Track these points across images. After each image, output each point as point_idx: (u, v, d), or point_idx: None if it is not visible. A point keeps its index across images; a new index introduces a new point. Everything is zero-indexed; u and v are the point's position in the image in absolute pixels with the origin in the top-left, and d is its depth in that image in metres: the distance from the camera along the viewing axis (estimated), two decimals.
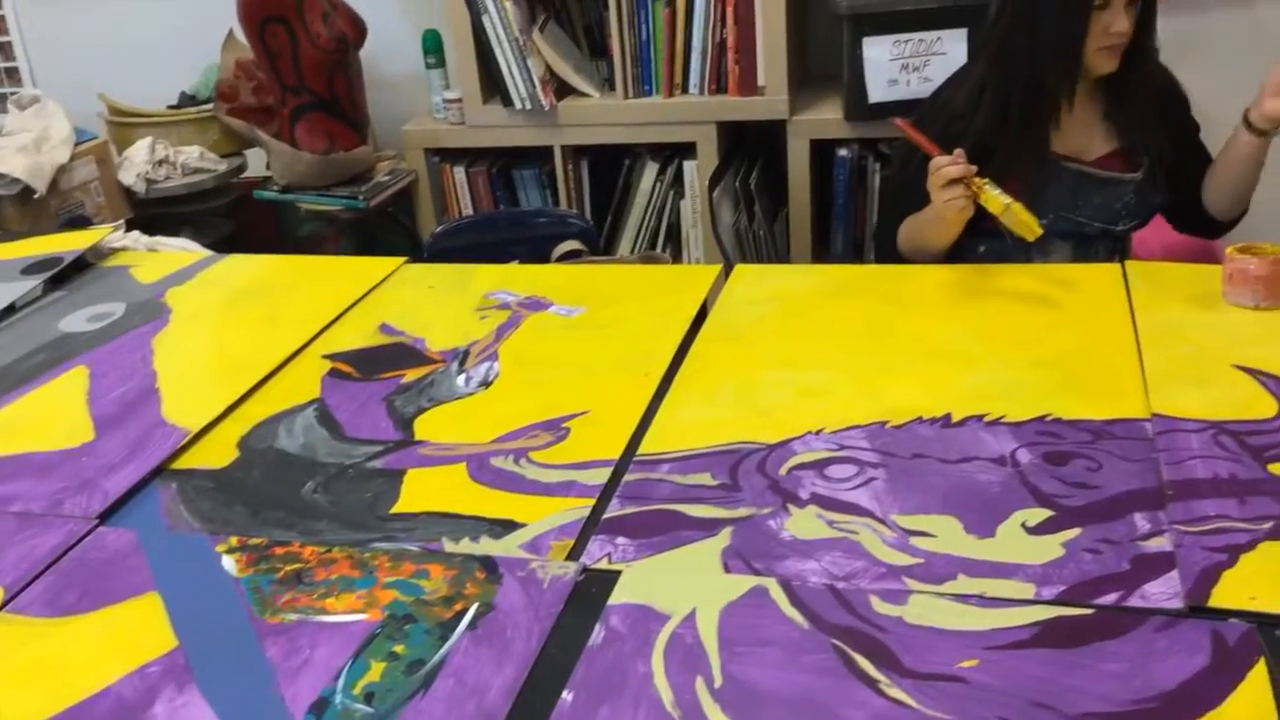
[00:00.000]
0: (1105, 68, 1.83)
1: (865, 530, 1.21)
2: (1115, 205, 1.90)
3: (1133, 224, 1.93)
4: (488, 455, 1.41)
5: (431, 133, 2.93)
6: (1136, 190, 1.89)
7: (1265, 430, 1.31)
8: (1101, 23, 1.78)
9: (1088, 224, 1.91)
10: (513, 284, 1.92)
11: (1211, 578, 1.08)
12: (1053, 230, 1.92)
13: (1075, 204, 1.89)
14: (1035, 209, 1.84)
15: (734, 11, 2.65)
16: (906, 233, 1.95)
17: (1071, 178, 1.89)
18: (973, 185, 1.71)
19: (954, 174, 1.71)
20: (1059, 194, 1.89)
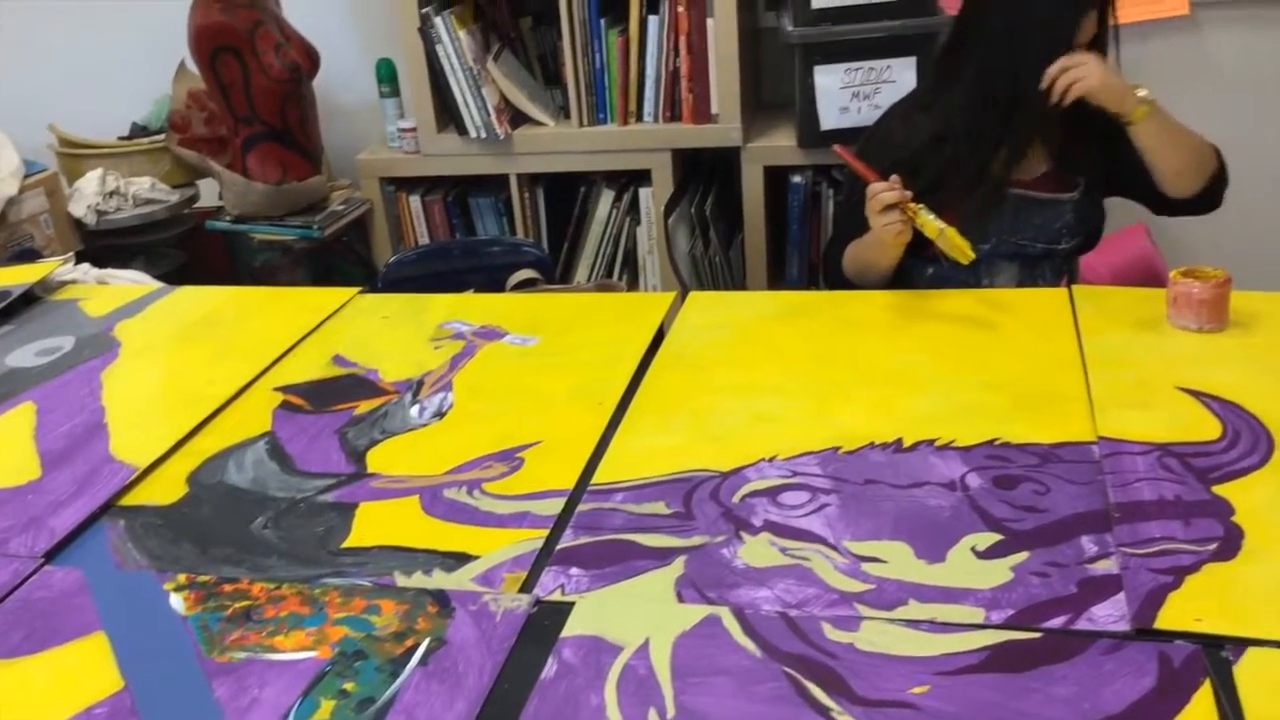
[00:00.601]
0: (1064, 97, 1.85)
1: (817, 557, 1.22)
2: (1056, 225, 1.93)
3: (1076, 241, 1.95)
4: (441, 487, 1.41)
5: (386, 162, 2.92)
6: (1075, 209, 1.92)
7: (1209, 452, 1.33)
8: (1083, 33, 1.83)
9: (1030, 245, 1.93)
10: (467, 313, 1.92)
11: (1157, 600, 1.09)
12: (997, 253, 1.95)
13: (1017, 227, 1.92)
14: (977, 235, 1.87)
15: (687, 40, 2.67)
16: (851, 257, 1.98)
17: (1012, 202, 1.91)
18: (908, 210, 1.75)
19: (890, 199, 1.75)
20: (1000, 219, 1.92)
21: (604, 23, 2.69)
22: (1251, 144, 2.83)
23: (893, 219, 1.75)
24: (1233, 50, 2.77)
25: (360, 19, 3.10)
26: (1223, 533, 1.18)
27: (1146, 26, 2.75)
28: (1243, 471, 1.29)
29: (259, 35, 2.68)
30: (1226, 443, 1.34)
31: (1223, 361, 1.53)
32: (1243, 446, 1.33)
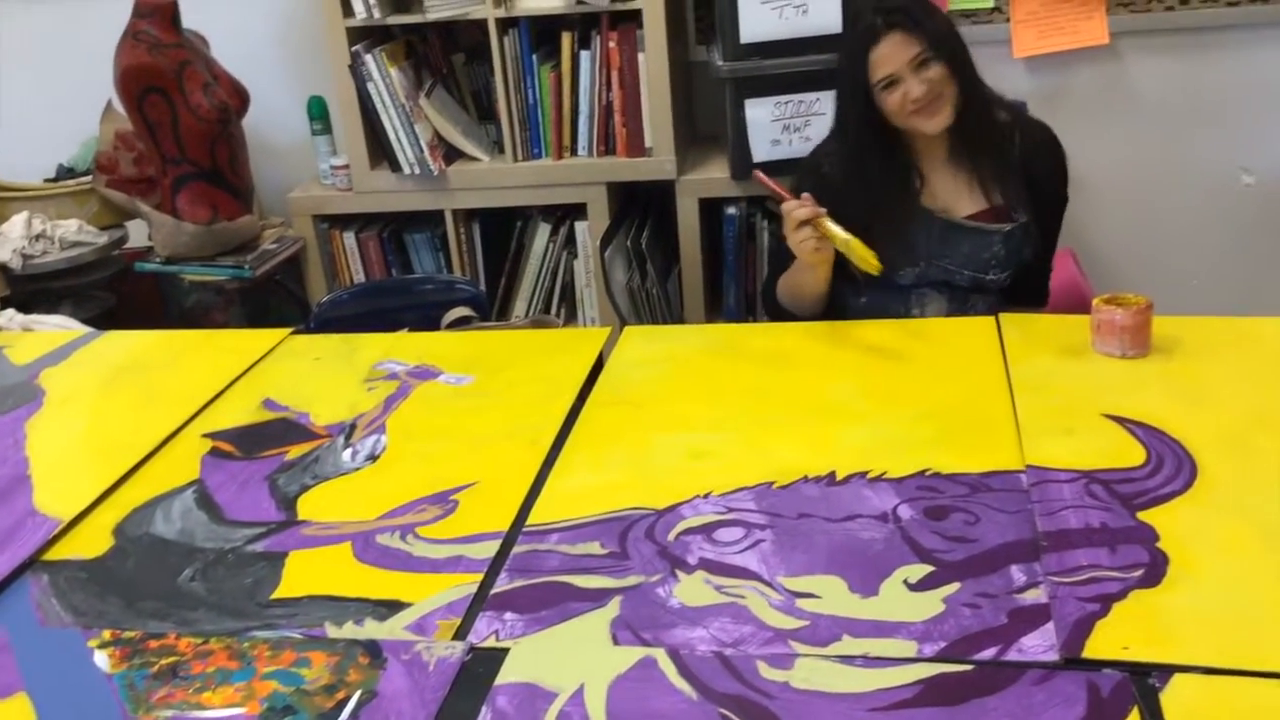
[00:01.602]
0: (932, 126, 1.89)
1: (752, 594, 1.22)
2: (984, 255, 1.95)
3: (1004, 275, 1.98)
4: (374, 533, 1.39)
5: (319, 199, 2.90)
6: (1004, 241, 1.95)
7: (1134, 478, 1.35)
8: (898, 96, 1.87)
9: (958, 272, 1.95)
10: (401, 353, 1.91)
11: (1085, 628, 1.11)
12: (925, 279, 1.97)
13: (944, 252, 1.94)
14: (906, 257, 1.91)
15: (619, 75, 2.69)
16: (783, 285, 2.01)
17: (940, 227, 1.94)
18: (820, 226, 1.79)
19: (802, 216, 1.79)
20: (928, 242, 1.95)
21: (536, 58, 2.70)
22: (1171, 168, 2.91)
23: (806, 235, 1.80)
24: (1151, 78, 2.84)
25: (290, 57, 3.08)
26: (1148, 559, 1.20)
27: (1069, 56, 2.82)
28: (1167, 497, 1.31)
29: (187, 75, 2.65)
30: (1150, 468, 1.37)
31: (1146, 387, 1.56)
32: (1166, 472, 1.36)
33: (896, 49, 1.87)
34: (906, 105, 1.88)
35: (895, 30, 1.87)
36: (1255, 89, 2.80)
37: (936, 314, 1.99)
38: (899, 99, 1.88)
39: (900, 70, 1.86)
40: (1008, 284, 2.00)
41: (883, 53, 1.87)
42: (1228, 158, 2.88)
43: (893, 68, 1.87)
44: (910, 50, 1.86)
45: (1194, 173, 2.90)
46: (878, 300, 1.99)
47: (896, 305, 1.99)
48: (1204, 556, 1.20)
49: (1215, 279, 2.94)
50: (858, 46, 1.90)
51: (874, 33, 1.88)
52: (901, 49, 1.86)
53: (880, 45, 1.87)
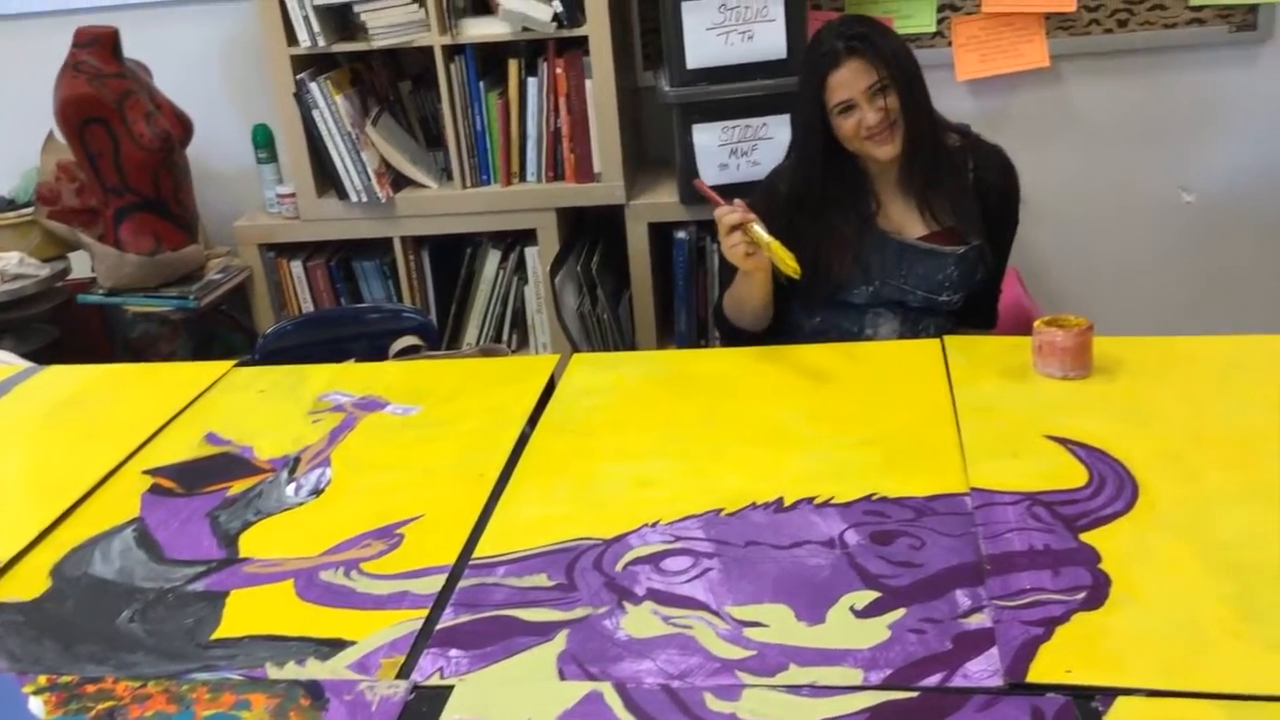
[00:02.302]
0: (884, 153, 1.92)
1: (700, 624, 1.21)
2: (937, 276, 1.97)
3: (957, 297, 1.99)
4: (317, 569, 1.37)
5: (265, 228, 2.87)
6: (958, 264, 1.97)
7: (1076, 499, 1.36)
8: (853, 121, 1.90)
9: (911, 293, 1.97)
10: (348, 384, 1.89)
11: (1029, 652, 1.11)
12: (880, 299, 1.98)
13: (899, 273, 1.96)
14: (860, 277, 1.94)
15: (566, 101, 2.69)
16: (727, 299, 2.02)
17: (895, 247, 1.96)
18: (748, 230, 1.80)
19: (732, 221, 1.81)
20: (883, 262, 1.97)
21: (483, 85, 2.70)
22: (1113, 188, 2.95)
23: (737, 240, 1.81)
24: (1091, 99, 2.89)
25: (235, 85, 3.05)
26: (1090, 581, 1.21)
27: (1011, 79, 2.86)
28: (1109, 518, 1.32)
29: (128, 105, 2.62)
30: (1092, 489, 1.38)
31: (1088, 408, 1.58)
32: (1108, 493, 1.37)
33: (855, 75, 1.89)
34: (860, 131, 1.90)
35: (855, 57, 1.89)
36: (1193, 108, 2.86)
37: (889, 334, 2.00)
38: (854, 125, 1.90)
39: (857, 97, 1.89)
40: (959, 306, 2.02)
41: (841, 78, 1.89)
42: (1168, 177, 2.93)
43: (849, 93, 1.89)
44: (868, 78, 1.88)
45: (1135, 192, 2.95)
46: (831, 320, 2.00)
47: (849, 325, 2.00)
48: (1146, 577, 1.21)
49: (1157, 296, 2.99)
50: (817, 70, 1.92)
51: (834, 57, 1.90)
52: (860, 76, 1.88)
53: (839, 70, 1.89)
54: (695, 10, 2.52)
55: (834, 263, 1.95)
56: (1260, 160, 2.88)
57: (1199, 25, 2.78)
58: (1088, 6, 2.79)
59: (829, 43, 1.92)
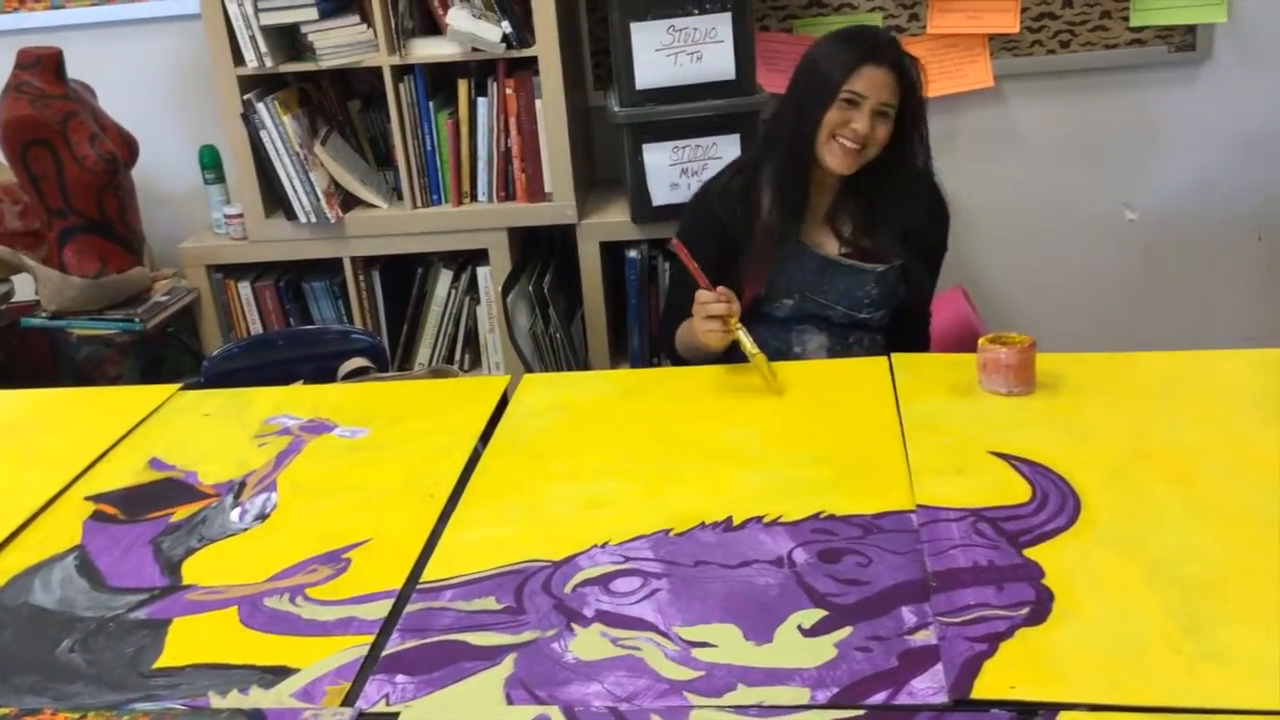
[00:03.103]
0: (835, 163, 1.91)
1: (648, 645, 1.21)
2: (857, 293, 1.98)
3: (879, 313, 2.00)
4: (261, 596, 1.36)
5: (213, 249, 2.85)
6: (878, 281, 1.97)
7: (1020, 515, 1.38)
8: (843, 114, 1.88)
9: (831, 308, 1.97)
10: (295, 406, 1.87)
11: (974, 669, 1.12)
12: (802, 312, 1.98)
13: (820, 286, 1.96)
14: (782, 286, 1.95)
15: (517, 121, 2.69)
16: (681, 339, 2.02)
17: (817, 261, 1.97)
18: (730, 324, 1.79)
19: (715, 312, 1.79)
20: (804, 275, 1.97)
21: (433, 105, 2.69)
22: (1057, 205, 3.00)
23: (715, 328, 1.80)
24: (1035, 119, 2.93)
25: (181, 106, 3.03)
26: (1034, 596, 1.22)
27: (957, 99, 2.90)
28: (1052, 533, 1.34)
29: (72, 126, 2.59)
30: (1036, 505, 1.39)
31: (1031, 424, 1.59)
32: (1051, 508, 1.39)
33: (884, 83, 1.87)
34: (842, 130, 1.88)
35: (895, 71, 1.87)
36: (1135, 127, 2.91)
37: (817, 350, 2.01)
38: (842, 119, 1.88)
39: (868, 100, 1.87)
40: (887, 322, 2.03)
41: (875, 76, 1.87)
42: (1111, 194, 2.98)
43: (868, 91, 1.86)
44: (888, 94, 1.88)
45: (1079, 209, 3.00)
46: (758, 335, 1.98)
47: (776, 340, 2.00)
48: (1088, 592, 1.23)
49: (1101, 312, 3.04)
50: (855, 51, 1.88)
51: (879, 54, 1.87)
52: (885, 87, 1.87)
53: (878, 69, 1.87)
54: (644, 31, 2.53)
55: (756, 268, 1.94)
56: (1200, 177, 2.94)
57: (1139, 45, 2.84)
58: (1031, 28, 2.84)
59: (880, 39, 1.90)
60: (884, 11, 2.85)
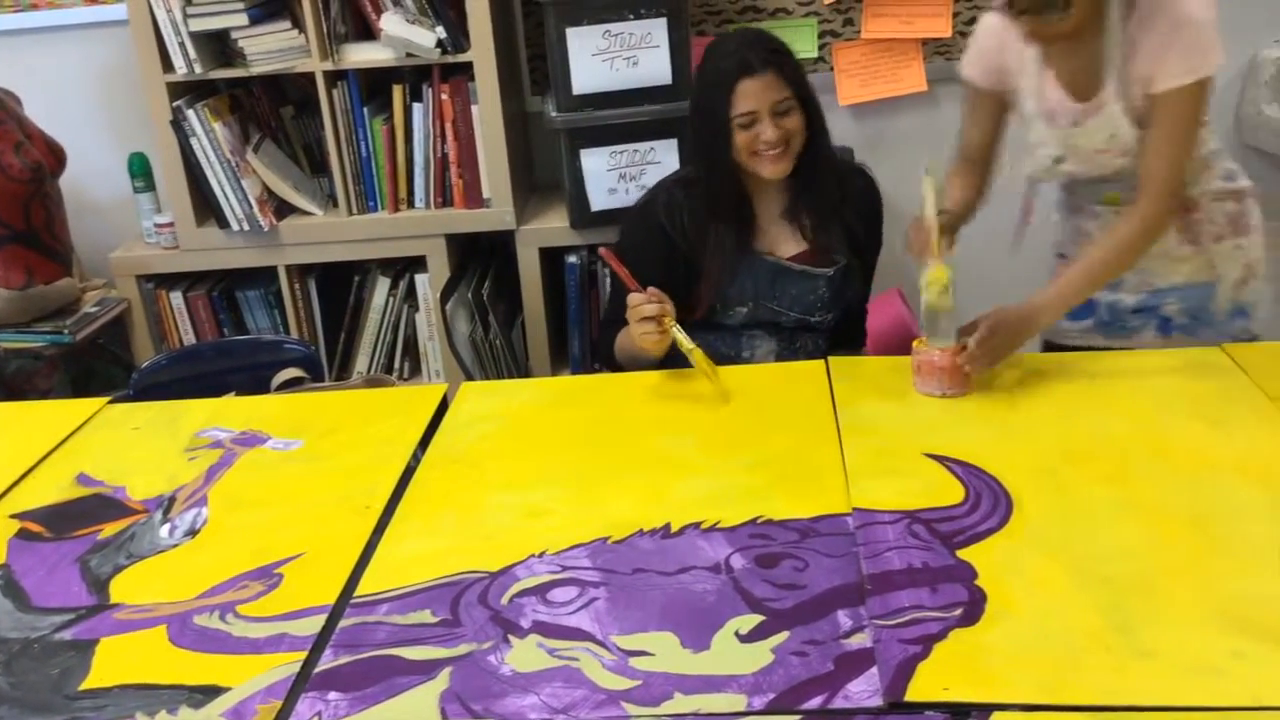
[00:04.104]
0: (770, 172, 1.91)
1: (586, 655, 1.21)
2: (809, 297, 1.99)
3: (830, 316, 2.02)
4: (191, 614, 1.33)
5: (143, 259, 2.79)
6: (829, 284, 1.99)
7: (953, 516, 1.39)
8: (750, 135, 1.88)
9: (784, 314, 1.98)
10: (227, 419, 1.84)
11: (908, 671, 1.12)
12: (755, 320, 1.99)
13: (773, 294, 1.97)
14: (736, 298, 1.94)
15: (453, 127, 2.67)
16: (619, 345, 2.00)
17: (768, 269, 1.97)
18: (665, 323, 1.78)
19: (648, 313, 1.78)
20: (756, 283, 1.97)
21: (367, 111, 2.67)
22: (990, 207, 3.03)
23: (650, 329, 1.79)
24: None
25: (110, 113, 2.97)
26: (967, 597, 1.23)
27: (891, 103, 2.92)
28: (984, 534, 1.35)
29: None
30: (969, 506, 1.41)
31: (965, 425, 1.61)
32: (984, 509, 1.40)
33: (765, 89, 1.86)
34: (756, 146, 1.88)
35: (769, 70, 1.86)
36: None
37: (766, 355, 2.02)
38: (750, 138, 1.88)
39: (761, 110, 1.86)
40: (832, 325, 2.04)
41: (751, 88, 1.86)
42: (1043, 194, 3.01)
43: (756, 105, 1.86)
44: (776, 94, 1.87)
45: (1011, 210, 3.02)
46: (709, 344, 1.99)
47: (726, 347, 2.00)
48: (1020, 592, 1.24)
49: None
50: (726, 76, 1.87)
51: (748, 67, 1.86)
52: (769, 91, 1.86)
53: (751, 80, 1.86)
54: (580, 37, 2.53)
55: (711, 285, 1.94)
56: None
57: None
58: (963, 32, 2.87)
59: (741, 52, 1.88)
60: (819, 16, 2.86)
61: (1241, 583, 1.23)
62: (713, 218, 1.96)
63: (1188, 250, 1.87)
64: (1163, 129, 1.73)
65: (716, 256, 1.95)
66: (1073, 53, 1.78)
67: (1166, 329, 1.92)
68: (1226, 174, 1.89)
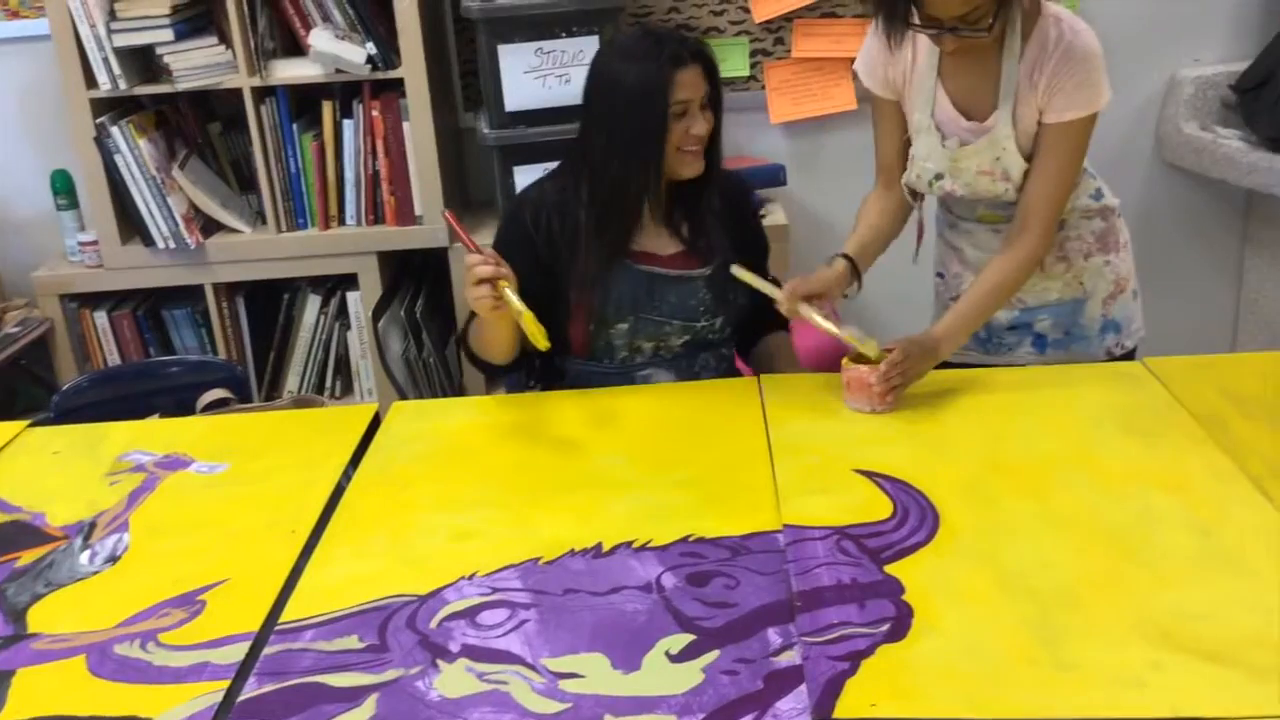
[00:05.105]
0: (689, 171, 1.88)
1: (515, 679, 1.20)
2: (690, 302, 1.94)
3: (717, 321, 1.96)
4: (111, 642, 1.30)
5: (66, 278, 2.73)
6: (709, 284, 1.94)
7: (881, 531, 1.40)
8: (681, 127, 1.83)
9: (668, 322, 1.93)
10: (150, 442, 1.80)
11: (836, 688, 1.13)
12: (637, 343, 1.93)
13: (652, 303, 1.92)
14: (613, 311, 1.89)
15: (384, 144, 2.65)
16: (473, 332, 1.92)
17: (644, 278, 1.92)
18: (498, 288, 1.70)
19: (483, 274, 1.70)
20: (635, 294, 1.91)
21: (297, 127, 2.64)
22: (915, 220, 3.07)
23: (483, 293, 1.71)
24: None
25: (31, 130, 2.90)
26: (894, 612, 1.24)
27: (821, 120, 2.95)
28: (912, 549, 1.36)
29: None
30: (897, 521, 1.42)
31: (893, 441, 1.63)
32: (911, 523, 1.41)
33: (697, 80, 1.83)
34: (685, 142, 1.84)
35: (698, 63, 1.83)
36: None
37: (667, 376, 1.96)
38: (683, 131, 1.83)
39: (693, 102, 1.82)
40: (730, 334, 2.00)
41: (689, 78, 1.82)
42: None
43: (691, 95, 1.82)
44: (704, 88, 1.84)
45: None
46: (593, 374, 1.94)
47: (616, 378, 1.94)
48: (946, 606, 1.25)
49: None
50: (660, 67, 1.80)
51: (680, 58, 1.81)
52: (700, 82, 1.83)
53: (686, 70, 1.81)
54: (512, 54, 2.53)
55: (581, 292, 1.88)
56: None
57: None
58: None
59: (671, 45, 1.82)
60: (750, 35, 2.89)
61: (1161, 595, 1.26)
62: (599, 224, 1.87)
63: (1059, 268, 1.92)
64: (1052, 159, 1.78)
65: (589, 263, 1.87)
66: (968, 70, 1.81)
67: (1041, 345, 1.96)
68: (1094, 192, 1.93)
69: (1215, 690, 1.11)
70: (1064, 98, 1.75)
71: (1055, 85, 1.74)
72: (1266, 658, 1.15)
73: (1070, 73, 1.74)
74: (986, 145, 1.81)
